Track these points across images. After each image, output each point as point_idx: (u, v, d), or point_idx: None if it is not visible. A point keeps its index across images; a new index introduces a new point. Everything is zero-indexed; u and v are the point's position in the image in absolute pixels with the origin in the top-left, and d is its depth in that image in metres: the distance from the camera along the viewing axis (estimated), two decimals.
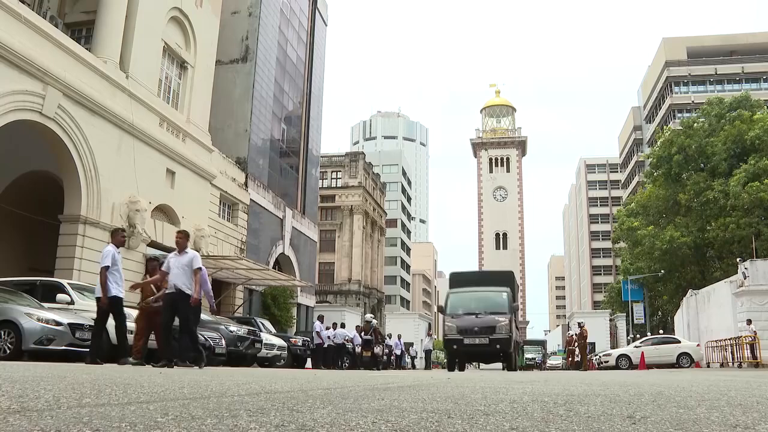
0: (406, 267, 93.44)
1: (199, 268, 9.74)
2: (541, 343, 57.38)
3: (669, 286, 44.22)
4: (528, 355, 44.64)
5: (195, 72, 25.80)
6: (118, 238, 10.32)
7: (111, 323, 11.31)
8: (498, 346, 16.71)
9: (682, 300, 34.89)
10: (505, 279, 20.45)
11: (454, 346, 17.24)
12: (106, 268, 9.65)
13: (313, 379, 6.39)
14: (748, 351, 22.81)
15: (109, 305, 9.71)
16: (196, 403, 2.74)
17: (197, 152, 25.38)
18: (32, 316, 10.75)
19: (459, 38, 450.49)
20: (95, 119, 19.45)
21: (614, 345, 45.58)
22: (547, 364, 47.06)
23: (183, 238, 9.91)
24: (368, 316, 25.65)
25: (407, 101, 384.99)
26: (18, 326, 10.55)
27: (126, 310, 10.33)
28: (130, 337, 10.43)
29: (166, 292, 9.71)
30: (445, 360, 23.34)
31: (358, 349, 23.93)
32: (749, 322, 23.11)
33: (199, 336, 14.79)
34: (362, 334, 23.42)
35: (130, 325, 10.57)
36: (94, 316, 11.33)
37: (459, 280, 21.68)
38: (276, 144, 35.82)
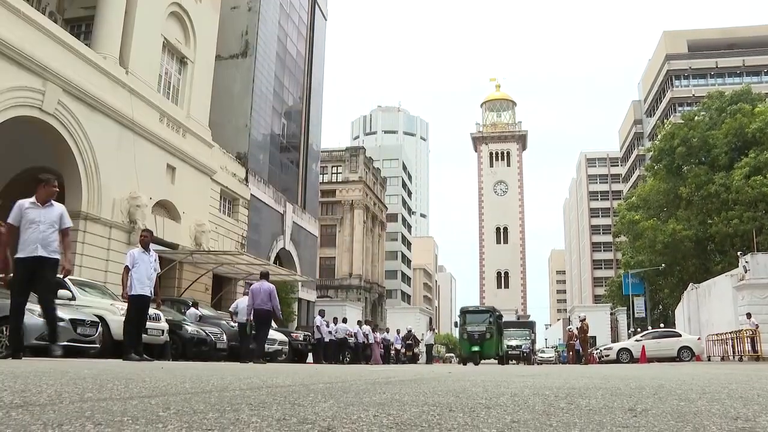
0: (407, 261, 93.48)
1: (69, 229, 7.64)
2: (530, 326, 41.60)
3: (670, 280, 44.23)
4: (510, 342, 31.85)
5: (195, 67, 25.76)
6: (140, 238, 10.52)
7: (115, 318, 11.46)
8: None
9: (683, 294, 34.90)
10: None
11: None
12: (126, 268, 9.89)
13: (314, 374, 6.40)
14: (749, 344, 22.83)
15: (133, 303, 9.81)
16: (197, 398, 2.74)
17: (197, 148, 25.36)
18: (33, 312, 10.73)
19: (459, 32, 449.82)
20: (95, 115, 19.44)
21: (615, 339, 45.67)
22: (538, 357, 40.32)
23: (49, 185, 7.45)
24: (409, 326, 32.46)
25: (407, 96, 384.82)
26: None
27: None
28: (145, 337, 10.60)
29: (20, 257, 7.26)
30: (446, 354, 22.65)
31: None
32: (749, 315, 23.12)
33: (200, 331, 14.90)
34: (405, 340, 30.48)
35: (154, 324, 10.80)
36: (96, 311, 11.52)
37: None
38: (276, 139, 35.79)
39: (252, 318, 13.28)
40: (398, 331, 31.84)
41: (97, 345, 11.06)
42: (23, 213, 7.24)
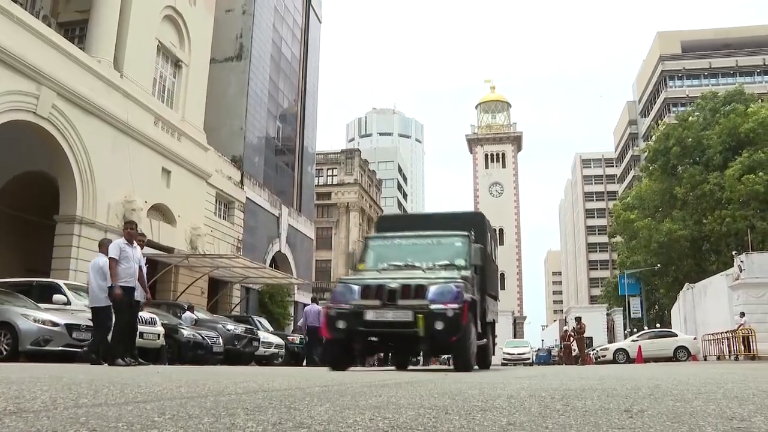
0: None
1: None
2: (466, 225, 10.47)
3: (666, 280, 44.34)
4: (386, 281, 8.83)
5: (189, 70, 25.72)
6: (125, 231, 9.83)
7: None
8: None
9: (679, 294, 34.99)
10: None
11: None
12: (113, 260, 9.16)
13: (310, 377, 6.39)
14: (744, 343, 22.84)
15: (124, 295, 9.14)
16: (193, 402, 2.73)
17: (193, 151, 25.32)
18: (28, 317, 10.72)
19: (454, 33, 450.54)
20: (90, 119, 19.38)
21: (611, 339, 45.70)
22: (504, 355, 32.15)
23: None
24: None
25: (402, 97, 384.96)
26: (14, 327, 10.52)
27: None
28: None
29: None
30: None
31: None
32: (742, 315, 23.17)
33: (196, 334, 14.88)
34: None
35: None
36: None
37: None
38: (271, 142, 35.76)
39: (305, 333, 17.93)
40: None
41: None
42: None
